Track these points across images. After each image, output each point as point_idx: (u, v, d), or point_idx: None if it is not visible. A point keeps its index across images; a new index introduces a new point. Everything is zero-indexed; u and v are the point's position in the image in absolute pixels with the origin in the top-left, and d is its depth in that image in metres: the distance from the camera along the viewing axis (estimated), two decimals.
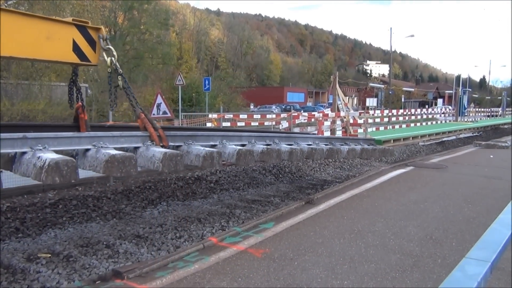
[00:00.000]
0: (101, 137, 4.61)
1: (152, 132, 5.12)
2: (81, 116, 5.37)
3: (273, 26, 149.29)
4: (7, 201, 6.75)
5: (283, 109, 50.32)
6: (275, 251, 4.22)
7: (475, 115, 43.02)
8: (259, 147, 6.29)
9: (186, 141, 5.48)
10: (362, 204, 6.26)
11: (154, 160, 4.69)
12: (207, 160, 5.20)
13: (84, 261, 4.66)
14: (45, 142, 4.12)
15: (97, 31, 5.07)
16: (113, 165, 4.23)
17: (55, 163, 3.75)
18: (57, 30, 4.73)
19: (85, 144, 4.49)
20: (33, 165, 3.86)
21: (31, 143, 4.04)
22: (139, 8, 34.28)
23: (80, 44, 4.90)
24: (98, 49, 5.10)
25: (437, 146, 19.37)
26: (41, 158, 3.84)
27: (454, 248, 4.38)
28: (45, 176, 3.73)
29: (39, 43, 4.57)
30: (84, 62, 5.01)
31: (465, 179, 8.40)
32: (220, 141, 5.96)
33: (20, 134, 4.06)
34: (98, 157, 4.32)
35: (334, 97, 20.13)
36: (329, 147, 8.10)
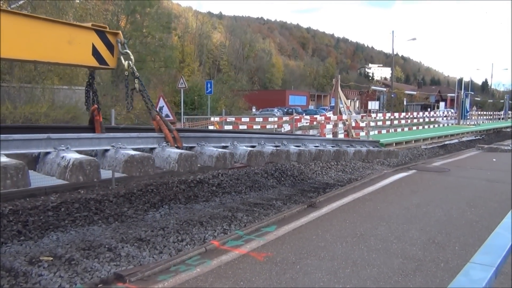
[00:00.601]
0: (119, 138, 4.76)
1: (167, 133, 5.24)
2: (96, 118, 5.55)
3: (275, 29, 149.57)
4: (9, 204, 6.76)
5: (285, 112, 50.28)
6: (277, 255, 4.21)
7: (477, 118, 42.94)
8: (269, 148, 6.40)
9: (199, 142, 5.61)
10: (364, 207, 6.24)
11: (170, 160, 4.83)
12: (220, 160, 5.34)
13: (86, 264, 4.66)
14: (68, 143, 4.27)
15: (115, 36, 5.25)
16: (132, 165, 4.37)
17: (79, 162, 3.89)
18: (77, 34, 4.91)
19: (105, 144, 4.63)
20: (57, 165, 3.99)
21: (54, 143, 4.19)
22: (141, 11, 34.33)
23: (99, 48, 5.08)
24: (116, 53, 5.27)
25: (440, 149, 19.34)
26: (65, 157, 3.97)
27: (457, 252, 4.36)
28: (70, 175, 3.87)
29: (61, 47, 4.74)
30: (103, 66, 5.20)
31: (467, 183, 8.37)
32: (231, 143, 6.08)
33: (44, 135, 4.21)
34: (117, 157, 4.46)
35: (336, 100, 20.13)
36: (335, 148, 8.16)
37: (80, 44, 4.91)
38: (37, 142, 4.11)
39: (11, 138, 3.94)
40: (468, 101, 39.83)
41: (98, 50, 5.08)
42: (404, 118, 27.91)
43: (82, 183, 6.87)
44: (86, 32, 5.01)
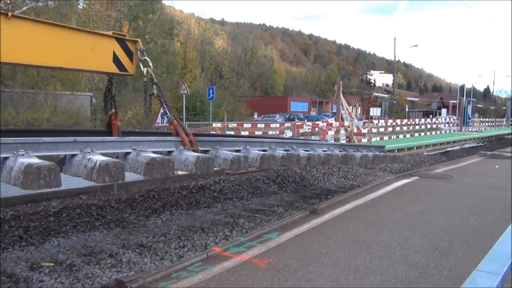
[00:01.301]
0: (139, 142, 4.96)
1: (184, 137, 5.43)
2: (114, 122, 5.86)
3: (277, 35, 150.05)
4: (11, 209, 6.75)
5: (287, 118, 50.33)
6: (279, 262, 4.18)
7: (479, 125, 42.88)
8: (280, 152, 6.62)
9: (214, 146, 5.81)
10: (366, 214, 6.21)
11: (188, 163, 5.04)
12: (235, 164, 5.58)
13: (87, 270, 4.64)
14: (93, 146, 4.46)
15: (134, 44, 5.53)
16: (153, 167, 4.57)
17: (106, 164, 4.10)
18: (100, 42, 5.18)
19: (126, 148, 4.84)
20: (83, 166, 4.20)
21: (80, 146, 4.40)
22: (144, 17, 34.50)
23: (119, 55, 5.35)
24: (135, 60, 5.54)
25: (442, 156, 19.30)
26: (91, 159, 4.18)
27: (460, 259, 4.33)
28: (96, 176, 4.07)
29: (85, 55, 5.01)
30: (123, 72, 5.46)
31: (470, 190, 8.33)
32: (244, 147, 6.28)
33: (71, 138, 4.43)
34: (138, 159, 4.66)
35: (338, 107, 20.14)
36: (343, 153, 8.30)
37: (102, 52, 5.18)
38: (64, 144, 4.32)
39: (41, 140, 4.15)
40: (470, 107, 39.85)
41: (118, 57, 5.34)
42: (406, 124, 27.92)
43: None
44: (108, 40, 5.28)
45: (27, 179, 3.62)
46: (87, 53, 5.02)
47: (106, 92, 5.95)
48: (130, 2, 32.20)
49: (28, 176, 3.62)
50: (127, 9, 31.96)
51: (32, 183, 3.63)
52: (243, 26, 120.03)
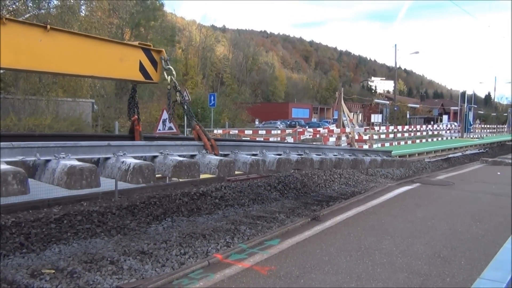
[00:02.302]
0: (165, 146, 5.19)
1: (206, 142, 5.67)
2: (136, 127, 6.15)
3: (278, 42, 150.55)
4: (12, 216, 6.74)
5: (288, 125, 50.40)
6: (281, 269, 4.17)
7: (481, 131, 42.84)
8: (294, 156, 6.80)
9: (233, 150, 6.04)
10: (368, 221, 6.19)
11: (211, 166, 5.25)
12: (254, 167, 5.78)
13: (88, 277, 4.63)
14: (124, 149, 4.69)
15: (158, 53, 5.79)
16: (181, 169, 4.79)
17: (139, 166, 4.31)
18: (128, 52, 5.47)
19: (154, 151, 5.06)
20: (117, 169, 4.41)
21: (113, 149, 4.62)
22: (146, 25, 34.70)
23: (145, 64, 5.63)
24: (159, 68, 5.80)
25: (443, 162, 19.26)
26: (125, 162, 4.39)
27: (463, 266, 4.31)
28: (130, 177, 4.27)
29: (114, 64, 5.31)
30: (148, 80, 5.72)
31: (472, 196, 8.31)
32: (260, 151, 6.46)
33: (105, 142, 4.66)
34: (166, 162, 4.86)
35: (339, 113, 20.15)
36: (353, 157, 8.44)
37: (130, 61, 5.47)
38: (99, 148, 4.57)
39: (79, 144, 4.42)
40: (472, 114, 39.84)
41: (144, 66, 5.62)
42: (407, 131, 27.89)
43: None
44: (134, 50, 5.56)
45: (71, 179, 3.83)
46: (116, 63, 5.32)
47: (130, 99, 6.26)
48: (132, 9, 32.37)
49: (71, 177, 3.83)
50: (129, 16, 32.13)
51: (75, 183, 3.84)
52: (244, 33, 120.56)
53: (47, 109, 19.17)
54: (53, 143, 4.21)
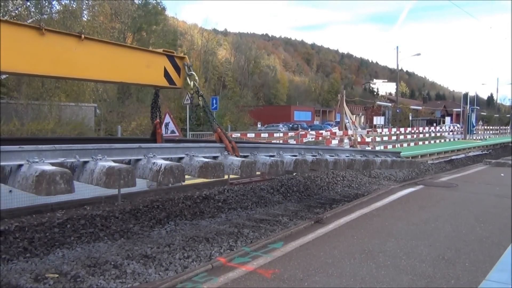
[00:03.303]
0: (190, 148, 5.46)
1: (227, 144, 5.90)
2: (158, 131, 6.48)
3: (279, 45, 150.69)
4: (15, 221, 6.75)
5: (290, 127, 50.30)
6: (284, 272, 4.16)
7: (484, 133, 42.72)
8: (309, 157, 7.01)
9: (252, 152, 6.28)
10: (372, 223, 6.18)
11: (233, 167, 5.50)
12: (273, 167, 6.03)
13: (92, 281, 4.62)
14: (153, 151, 4.94)
15: (181, 60, 6.08)
16: (207, 170, 5.06)
17: (170, 167, 4.55)
18: (153, 59, 5.75)
19: (180, 153, 5.32)
20: (149, 169, 4.66)
21: (143, 151, 4.88)
22: (147, 29, 34.81)
23: (169, 70, 5.91)
24: (182, 74, 6.07)
25: (446, 164, 19.21)
26: (156, 163, 4.63)
27: (467, 268, 4.29)
28: (162, 177, 4.52)
29: (141, 70, 5.60)
30: (172, 86, 6.00)
31: (476, 198, 8.28)
32: (277, 152, 6.65)
33: (136, 144, 4.95)
34: (192, 163, 5.12)
35: (342, 116, 20.16)
36: (365, 158, 8.57)
37: (155, 68, 5.74)
38: (131, 150, 4.84)
39: (113, 147, 4.69)
40: (474, 115, 39.72)
41: (168, 72, 5.90)
42: (410, 133, 27.84)
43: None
44: (159, 57, 5.83)
45: (110, 179, 4.07)
46: (143, 69, 5.61)
47: (152, 104, 6.55)
48: (134, 13, 32.47)
49: (110, 177, 4.07)
50: (131, 21, 32.22)
51: (114, 183, 4.09)
52: (246, 36, 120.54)
53: (50, 113, 19.22)
54: (91, 146, 4.49)
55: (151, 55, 5.82)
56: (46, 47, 4.58)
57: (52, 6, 20.66)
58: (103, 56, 5.14)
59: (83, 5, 22.83)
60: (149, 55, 5.78)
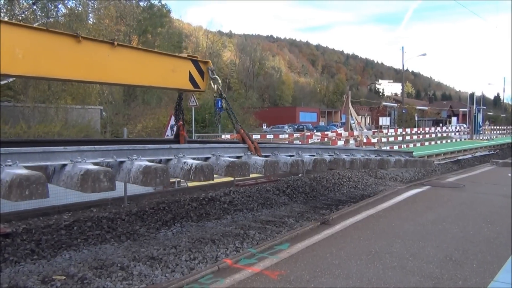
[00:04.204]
0: (216, 148, 5.70)
1: (250, 144, 6.18)
2: (181, 132, 6.76)
3: (284, 46, 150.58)
4: (23, 223, 6.79)
5: (296, 129, 50.32)
6: (291, 273, 4.15)
7: (491, 133, 42.46)
8: (327, 157, 7.25)
9: (273, 152, 6.50)
10: (378, 224, 6.15)
11: (257, 166, 5.72)
12: (294, 166, 6.25)
13: (99, 283, 4.64)
14: (183, 152, 5.18)
15: (205, 64, 6.34)
16: (233, 169, 5.30)
17: (201, 166, 4.81)
18: (179, 64, 5.98)
19: (207, 153, 5.56)
20: (180, 168, 4.90)
21: (173, 152, 5.13)
22: (153, 31, 34.92)
23: (193, 74, 6.15)
24: (206, 78, 6.32)
25: (453, 165, 19.11)
26: (186, 163, 4.88)
27: (475, 269, 4.26)
28: (193, 176, 4.78)
29: (167, 75, 5.83)
30: (196, 89, 6.24)
31: (483, 198, 8.23)
32: (297, 152, 6.83)
33: (167, 145, 5.23)
34: (219, 163, 5.35)
35: (347, 117, 20.11)
36: (380, 157, 8.73)
37: (181, 72, 5.98)
38: (162, 151, 5.09)
39: (147, 147, 4.95)
40: (481, 115, 39.53)
41: (193, 76, 6.13)
42: (416, 133, 27.72)
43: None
44: (184, 61, 6.07)
45: (147, 178, 4.28)
46: (169, 73, 5.84)
47: (176, 106, 6.86)
48: (139, 16, 32.57)
49: (147, 175, 4.28)
50: (136, 23, 32.30)
51: (151, 181, 4.30)
52: (250, 38, 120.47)
53: (56, 116, 19.33)
54: (126, 147, 4.78)
55: (177, 60, 6.04)
56: (82, 54, 4.83)
57: (58, 9, 20.79)
58: (133, 62, 5.38)
59: (88, 8, 22.95)
60: (175, 60, 6.00)
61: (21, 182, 3.41)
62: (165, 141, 7.48)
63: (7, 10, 18.39)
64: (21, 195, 3.42)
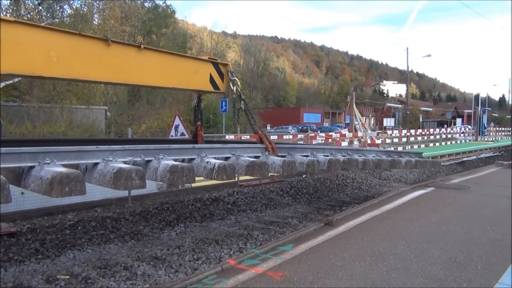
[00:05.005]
0: (236, 148, 5.85)
1: (268, 144, 6.32)
2: (199, 132, 6.98)
3: (289, 47, 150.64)
4: (27, 222, 6.82)
5: (300, 129, 50.23)
6: (294, 274, 4.14)
7: (496, 134, 42.24)
8: (341, 157, 7.40)
9: (289, 152, 6.64)
10: (382, 225, 6.14)
11: (275, 166, 5.87)
12: (310, 166, 6.41)
13: (102, 283, 4.65)
14: (205, 152, 5.35)
15: (225, 66, 6.53)
16: (253, 168, 5.44)
17: (224, 166, 4.95)
18: (200, 66, 6.18)
19: (227, 153, 5.69)
20: (203, 168, 5.05)
21: (196, 151, 5.30)
22: (157, 32, 34.95)
23: (214, 76, 6.34)
24: (225, 80, 6.51)
25: (457, 166, 19.02)
26: (209, 162, 5.04)
27: (479, 271, 4.24)
28: (216, 175, 4.91)
29: (190, 76, 6.01)
30: (216, 91, 6.43)
31: (488, 200, 8.19)
32: (311, 152, 6.99)
33: (191, 145, 5.43)
34: (239, 162, 5.47)
35: (351, 117, 20.07)
36: (391, 158, 8.85)
37: (202, 74, 6.17)
38: (185, 150, 5.25)
39: (172, 147, 5.10)
40: (486, 117, 39.34)
41: (213, 78, 6.32)
42: (421, 134, 27.63)
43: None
44: (205, 64, 6.26)
45: (174, 176, 4.41)
46: (192, 75, 6.02)
47: (195, 107, 7.08)
48: (144, 16, 32.64)
49: (174, 174, 4.41)
50: (141, 24, 32.36)
51: (178, 179, 4.44)
52: (255, 39, 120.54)
53: (61, 116, 19.39)
54: (153, 146, 4.93)
55: (199, 62, 6.21)
56: (112, 56, 5.01)
57: (63, 10, 20.86)
58: (158, 64, 5.56)
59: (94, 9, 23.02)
60: (196, 63, 6.17)
61: (62, 180, 3.57)
62: (185, 141, 7.72)
63: (13, 10, 18.47)
64: (62, 192, 3.57)
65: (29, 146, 4.10)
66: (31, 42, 4.35)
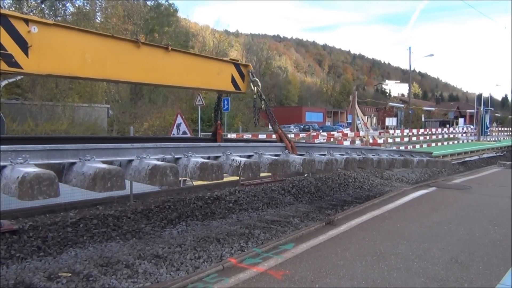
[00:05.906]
0: (258, 147, 6.02)
1: (287, 143, 6.49)
2: (218, 131, 7.26)
3: (291, 46, 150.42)
4: (29, 220, 6.84)
5: (302, 128, 50.23)
6: (295, 273, 4.15)
7: (498, 134, 42.14)
8: (356, 157, 7.54)
9: (307, 151, 6.78)
10: (384, 225, 6.13)
11: (295, 164, 6.02)
12: (329, 165, 6.59)
13: (104, 280, 4.66)
14: (230, 150, 5.49)
15: (246, 67, 6.73)
16: (276, 166, 5.60)
17: (249, 163, 5.14)
18: (223, 67, 6.38)
19: (249, 151, 5.85)
20: (229, 165, 5.20)
21: (222, 150, 5.45)
22: (160, 30, 34.98)
23: (235, 77, 6.54)
24: (246, 80, 6.71)
25: (460, 166, 18.98)
26: (235, 160, 5.21)
27: (481, 272, 4.23)
28: (242, 172, 5.09)
29: (214, 77, 6.22)
30: (237, 91, 6.65)
31: (490, 201, 8.17)
32: (328, 151, 7.14)
33: (216, 143, 5.72)
34: (262, 160, 5.62)
35: (353, 117, 20.05)
36: (403, 157, 8.97)
37: (224, 74, 6.37)
38: (211, 148, 5.43)
39: (200, 145, 5.29)
40: (488, 117, 39.21)
41: (235, 78, 6.52)
42: (423, 134, 27.58)
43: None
44: (228, 65, 6.46)
45: (204, 173, 4.58)
46: (215, 76, 6.22)
47: (215, 107, 7.39)
48: (146, 15, 32.66)
49: (204, 171, 4.58)
50: (143, 22, 32.40)
51: (208, 176, 4.60)
52: (257, 38, 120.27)
53: (63, 114, 19.45)
54: (182, 144, 5.13)
55: (221, 63, 6.40)
56: (141, 57, 5.21)
57: (66, 8, 20.91)
58: (184, 65, 5.75)
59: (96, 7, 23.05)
60: (219, 64, 6.36)
61: (104, 175, 3.73)
62: (207, 139, 8.01)
63: (16, 8, 18.52)
64: (104, 187, 3.72)
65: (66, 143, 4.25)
66: (68, 44, 4.51)
